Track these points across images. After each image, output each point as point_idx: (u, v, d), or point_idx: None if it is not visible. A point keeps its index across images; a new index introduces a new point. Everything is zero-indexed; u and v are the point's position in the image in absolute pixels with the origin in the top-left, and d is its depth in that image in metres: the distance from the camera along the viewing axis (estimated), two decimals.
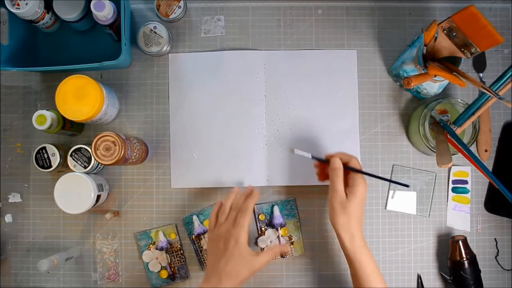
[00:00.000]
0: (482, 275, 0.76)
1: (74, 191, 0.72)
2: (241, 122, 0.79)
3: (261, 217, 0.78)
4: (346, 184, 0.68)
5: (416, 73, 0.72)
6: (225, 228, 0.68)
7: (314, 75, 0.80)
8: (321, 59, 0.80)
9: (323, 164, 0.72)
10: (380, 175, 0.79)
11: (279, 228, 0.78)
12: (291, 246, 0.78)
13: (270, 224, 0.78)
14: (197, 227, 0.78)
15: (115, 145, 0.65)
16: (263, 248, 0.78)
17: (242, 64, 0.80)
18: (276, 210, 0.78)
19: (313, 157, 0.71)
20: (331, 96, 0.80)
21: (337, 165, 0.68)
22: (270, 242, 0.78)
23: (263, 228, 0.78)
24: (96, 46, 0.80)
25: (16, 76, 0.80)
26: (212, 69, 0.80)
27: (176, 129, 0.80)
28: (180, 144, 0.79)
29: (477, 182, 0.80)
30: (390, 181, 0.72)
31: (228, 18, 0.81)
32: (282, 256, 0.78)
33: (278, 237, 0.78)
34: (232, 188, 0.74)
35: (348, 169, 0.68)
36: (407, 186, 0.68)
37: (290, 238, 0.78)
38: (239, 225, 0.67)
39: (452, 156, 0.68)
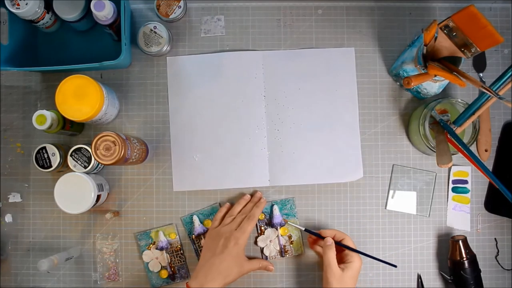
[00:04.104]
0: (482, 275, 0.76)
1: (74, 191, 0.72)
2: (241, 123, 0.79)
3: (261, 216, 0.78)
4: (341, 259, 0.71)
5: (416, 73, 0.72)
6: (228, 229, 0.71)
7: (313, 74, 0.80)
8: (319, 57, 0.80)
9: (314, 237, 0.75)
10: (380, 175, 0.79)
11: (278, 227, 0.78)
12: (291, 245, 0.78)
13: (270, 223, 0.78)
14: (197, 227, 0.78)
15: (115, 145, 0.65)
16: (263, 248, 0.78)
17: (240, 65, 0.80)
18: (276, 209, 0.78)
19: (306, 230, 0.75)
20: (330, 94, 0.80)
21: (330, 242, 0.71)
22: (270, 241, 0.78)
23: (262, 228, 0.78)
24: (96, 46, 0.80)
25: (16, 76, 0.80)
26: (210, 71, 0.80)
27: (176, 132, 0.80)
28: (180, 147, 0.79)
29: (477, 182, 0.80)
30: (380, 260, 0.74)
31: (228, 18, 0.81)
32: (281, 256, 0.78)
33: (277, 236, 0.78)
34: (244, 195, 0.78)
35: (342, 247, 0.72)
36: (395, 266, 0.73)
37: (289, 237, 0.78)
38: (243, 229, 0.71)
39: (452, 156, 0.68)
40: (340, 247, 0.72)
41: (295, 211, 0.79)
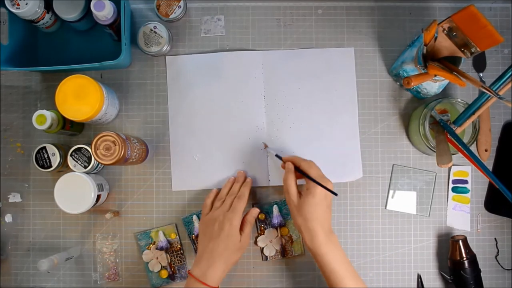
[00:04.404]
0: (482, 275, 0.76)
1: (74, 191, 0.72)
2: (241, 123, 0.79)
3: (261, 216, 0.78)
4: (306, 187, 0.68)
5: (416, 73, 0.72)
6: (221, 212, 0.71)
7: (312, 74, 0.80)
8: (319, 57, 0.80)
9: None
10: (380, 175, 0.79)
11: (278, 227, 0.78)
12: (291, 245, 0.78)
13: (270, 223, 0.78)
14: (197, 227, 0.78)
15: (115, 145, 0.65)
16: (263, 248, 0.78)
17: (239, 65, 0.80)
18: (276, 209, 0.78)
19: (276, 156, 0.74)
20: (330, 94, 0.80)
21: (289, 167, 0.70)
22: (270, 241, 0.78)
23: (262, 227, 0.78)
24: (96, 46, 0.80)
25: (16, 76, 0.80)
26: (209, 71, 0.80)
27: (176, 132, 0.80)
28: (180, 147, 0.79)
29: (477, 182, 0.80)
30: (319, 184, 0.67)
31: (228, 18, 0.81)
32: (282, 256, 0.78)
33: (278, 236, 0.78)
34: (229, 178, 0.77)
35: (303, 174, 0.69)
36: (335, 194, 0.66)
37: (290, 237, 0.78)
38: (235, 209, 0.70)
39: (452, 156, 0.68)
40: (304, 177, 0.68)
41: None
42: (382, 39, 0.81)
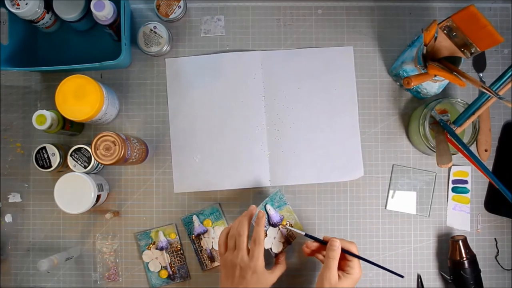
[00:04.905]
0: (482, 275, 0.76)
1: (74, 191, 0.72)
2: (241, 124, 0.79)
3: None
4: (340, 267, 0.67)
5: (416, 73, 0.72)
6: (239, 257, 0.67)
7: (312, 73, 0.80)
8: (318, 56, 0.80)
9: (315, 243, 0.71)
10: (380, 175, 0.79)
11: (279, 225, 0.76)
12: (291, 227, 0.76)
13: (270, 223, 0.77)
14: (197, 227, 0.78)
15: (115, 145, 0.65)
16: (271, 247, 0.75)
17: (238, 66, 0.80)
18: (270, 209, 0.75)
19: (306, 235, 0.71)
20: (329, 93, 0.80)
21: (337, 247, 0.66)
22: (274, 238, 0.76)
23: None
24: (96, 46, 0.80)
25: (16, 76, 0.80)
26: (209, 72, 0.80)
27: (176, 134, 0.80)
28: (180, 149, 0.79)
29: (477, 182, 0.80)
30: (387, 270, 0.69)
31: (228, 18, 0.81)
32: (289, 243, 0.76)
33: (278, 230, 0.76)
34: (242, 214, 0.71)
35: (346, 253, 0.67)
36: (401, 276, 0.68)
37: (289, 224, 0.76)
38: (255, 257, 0.66)
39: (452, 156, 0.68)
40: (343, 254, 0.67)
41: (285, 199, 0.77)
42: (382, 39, 0.81)
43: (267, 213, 0.76)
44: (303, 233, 0.72)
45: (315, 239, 0.71)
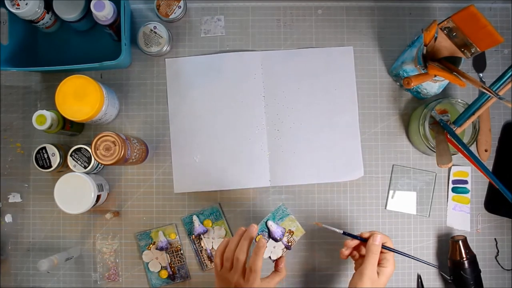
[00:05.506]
0: (482, 275, 0.76)
1: (74, 191, 0.72)
2: (241, 124, 0.79)
3: (257, 238, 0.71)
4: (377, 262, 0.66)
5: (416, 73, 0.72)
6: (235, 278, 0.65)
7: (312, 73, 0.80)
8: (318, 56, 0.80)
9: (353, 241, 0.69)
10: (380, 175, 0.79)
11: (282, 239, 0.74)
12: (292, 236, 0.74)
13: (271, 238, 0.72)
14: (197, 227, 0.78)
15: (115, 145, 0.65)
16: (270, 255, 0.74)
17: (238, 66, 0.80)
18: (272, 225, 0.72)
19: (344, 233, 0.68)
20: (329, 93, 0.80)
21: (379, 241, 0.65)
22: (274, 247, 0.75)
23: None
24: (96, 46, 0.80)
25: (16, 76, 0.80)
26: (208, 73, 0.80)
27: (176, 134, 0.80)
28: (180, 149, 0.79)
29: (477, 182, 0.80)
30: (422, 261, 0.70)
31: (228, 18, 0.81)
32: (288, 249, 0.75)
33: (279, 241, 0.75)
34: (238, 230, 0.68)
35: (385, 249, 0.66)
36: (437, 267, 0.77)
37: (289, 232, 0.75)
38: (250, 282, 0.64)
39: (452, 156, 0.68)
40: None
41: (288, 211, 0.75)
42: (382, 39, 0.81)
43: (268, 229, 0.72)
44: (341, 231, 0.68)
45: (354, 237, 0.68)
